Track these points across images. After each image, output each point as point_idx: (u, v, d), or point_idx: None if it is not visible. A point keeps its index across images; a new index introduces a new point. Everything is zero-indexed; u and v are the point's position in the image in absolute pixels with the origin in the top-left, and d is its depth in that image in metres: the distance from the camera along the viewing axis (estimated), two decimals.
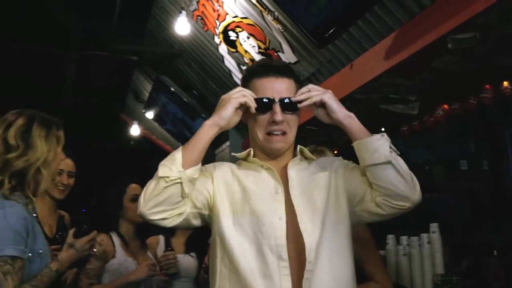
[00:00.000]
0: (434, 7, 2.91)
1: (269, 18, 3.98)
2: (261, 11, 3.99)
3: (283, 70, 1.86)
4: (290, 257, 1.67)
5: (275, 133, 1.83)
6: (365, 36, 3.44)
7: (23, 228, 1.95)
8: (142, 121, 7.70)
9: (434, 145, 5.67)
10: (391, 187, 1.66)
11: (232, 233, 1.72)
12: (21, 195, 2.02)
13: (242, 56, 4.59)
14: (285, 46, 4.08)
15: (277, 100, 1.81)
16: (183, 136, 6.38)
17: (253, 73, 1.86)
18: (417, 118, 4.00)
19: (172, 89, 5.82)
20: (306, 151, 1.94)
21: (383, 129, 4.56)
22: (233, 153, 1.98)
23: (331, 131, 4.55)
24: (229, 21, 4.39)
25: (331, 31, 3.49)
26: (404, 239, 3.53)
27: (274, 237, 1.69)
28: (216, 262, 1.74)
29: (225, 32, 4.53)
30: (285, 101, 1.82)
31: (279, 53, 4.18)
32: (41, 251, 2.05)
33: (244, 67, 4.69)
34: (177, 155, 1.69)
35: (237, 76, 4.89)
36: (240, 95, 1.76)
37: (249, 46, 4.41)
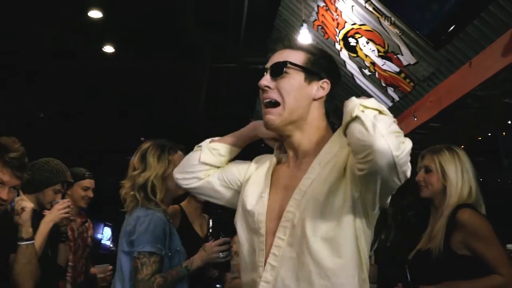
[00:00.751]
0: None
1: (386, 23, 4.14)
2: (378, 17, 4.17)
3: (289, 43, 1.76)
4: (270, 235, 1.62)
5: (265, 101, 1.69)
6: (482, 35, 3.51)
7: (162, 230, 2.50)
8: None
9: None
10: (353, 140, 1.43)
11: (238, 228, 1.77)
12: (155, 204, 2.61)
13: (363, 60, 4.78)
14: (403, 49, 4.22)
15: (268, 66, 1.73)
16: None
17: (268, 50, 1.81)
18: None
19: None
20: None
21: (510, 122, 4.56)
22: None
23: (454, 128, 4.63)
24: (348, 29, 4.61)
25: (448, 31, 3.60)
26: None
27: (256, 213, 1.66)
28: None
29: (345, 39, 4.75)
30: (273, 65, 1.70)
31: (398, 56, 4.32)
32: (178, 248, 2.61)
33: (365, 70, 4.88)
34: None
35: (360, 79, 5.09)
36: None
37: (369, 50, 4.60)
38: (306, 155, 1.70)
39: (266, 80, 1.69)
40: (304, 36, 4.72)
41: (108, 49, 6.28)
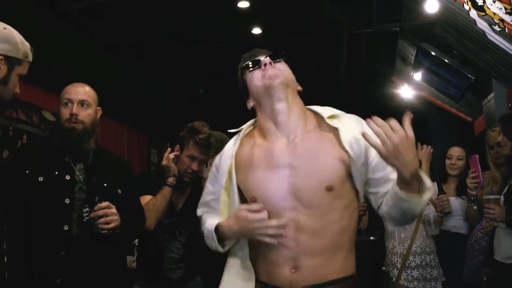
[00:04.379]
0: None
1: None
2: None
3: (269, 53, 2.13)
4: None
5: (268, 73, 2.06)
6: None
7: None
8: (413, 82, 8.41)
9: None
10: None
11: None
12: None
13: (492, 18, 5.03)
14: None
15: (262, 57, 2.10)
16: (449, 93, 6.95)
17: (245, 58, 2.19)
18: None
19: (433, 53, 6.43)
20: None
21: None
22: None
23: None
24: None
25: None
26: None
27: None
28: None
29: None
30: (274, 53, 2.12)
31: None
32: None
33: (495, 27, 5.11)
34: None
35: (491, 35, 5.32)
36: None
37: (496, 8, 4.84)
38: (296, 133, 2.05)
39: (269, 60, 2.08)
40: (432, 4, 5.09)
41: (256, 31, 7.08)
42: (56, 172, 2.87)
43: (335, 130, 2.01)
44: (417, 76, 7.60)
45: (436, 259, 4.25)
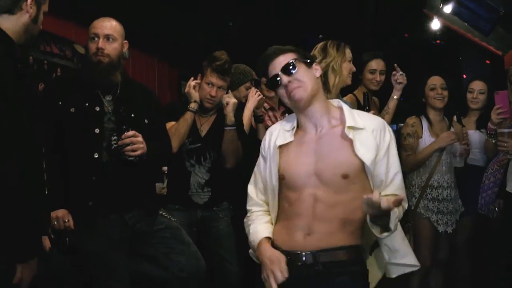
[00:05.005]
0: None
1: None
2: None
3: (279, 51, 2.34)
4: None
5: (292, 93, 2.30)
6: None
7: None
8: (443, 15, 8.26)
9: None
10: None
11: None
12: None
13: None
14: None
15: (278, 72, 2.30)
16: (478, 26, 6.84)
17: (262, 66, 2.37)
18: None
19: None
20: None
21: None
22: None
23: None
24: None
25: None
26: None
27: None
28: None
29: None
30: (284, 67, 2.29)
31: None
32: None
33: None
34: None
35: None
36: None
37: None
38: (322, 126, 2.38)
39: (286, 78, 2.30)
40: None
41: None
42: (87, 104, 3.07)
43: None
44: (447, 8, 7.48)
45: (453, 192, 4.31)
